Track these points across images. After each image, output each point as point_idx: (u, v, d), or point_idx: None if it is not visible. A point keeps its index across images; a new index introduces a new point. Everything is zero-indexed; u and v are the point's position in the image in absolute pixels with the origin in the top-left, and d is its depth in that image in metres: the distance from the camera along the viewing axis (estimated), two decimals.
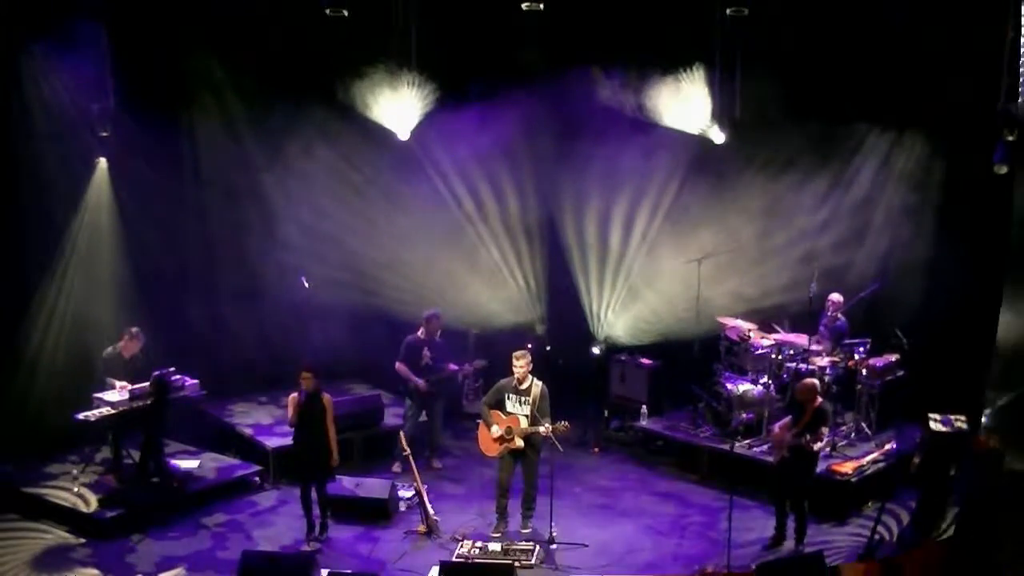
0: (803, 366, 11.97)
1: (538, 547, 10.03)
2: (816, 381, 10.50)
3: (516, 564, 9.51)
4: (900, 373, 12.08)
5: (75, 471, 11.21)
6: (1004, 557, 9.23)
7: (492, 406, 10.44)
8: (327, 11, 12.28)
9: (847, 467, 11.13)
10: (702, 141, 13.10)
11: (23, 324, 11.96)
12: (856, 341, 12.13)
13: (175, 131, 12.98)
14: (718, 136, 13.01)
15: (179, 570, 9.86)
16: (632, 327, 13.95)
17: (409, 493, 11.13)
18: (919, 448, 10.56)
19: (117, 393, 10.96)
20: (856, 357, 11.99)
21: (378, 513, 10.83)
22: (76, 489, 10.93)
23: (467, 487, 11.78)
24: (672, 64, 12.81)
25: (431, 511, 10.61)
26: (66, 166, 12.10)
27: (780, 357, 12.32)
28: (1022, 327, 11.13)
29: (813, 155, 12.84)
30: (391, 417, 12.54)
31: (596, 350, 13.98)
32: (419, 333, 12.03)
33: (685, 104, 12.93)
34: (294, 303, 13.36)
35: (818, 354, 12.05)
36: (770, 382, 12.14)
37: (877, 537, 10.20)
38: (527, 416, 10.24)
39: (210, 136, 13.15)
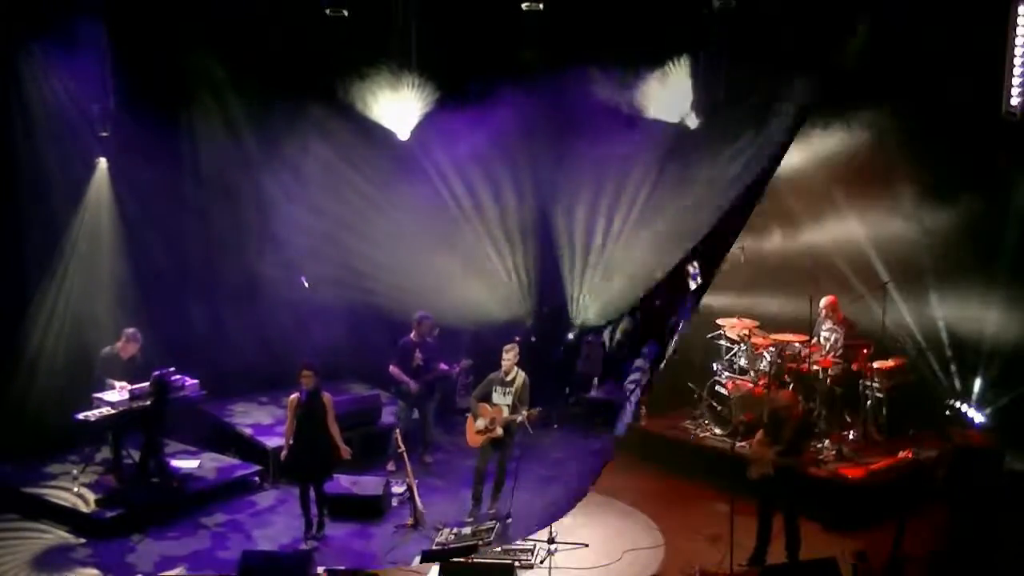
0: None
1: (497, 524, 10.53)
2: (792, 392, 10.12)
3: (480, 543, 9.93)
4: None
5: (75, 471, 11.22)
6: (1004, 557, 9.25)
7: (480, 399, 10.93)
8: (327, 11, 12.34)
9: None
10: (680, 128, 13.15)
11: (23, 324, 11.95)
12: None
13: (175, 131, 12.96)
14: (692, 122, 13.08)
15: (179, 570, 9.87)
16: (603, 308, 14.25)
17: (400, 488, 11.29)
18: None
19: (117, 393, 10.95)
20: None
21: (372, 510, 10.98)
22: (76, 489, 10.94)
23: (454, 480, 11.92)
24: (663, 57, 12.84)
25: (420, 505, 10.78)
26: (66, 166, 12.10)
27: None
28: (1022, 327, 11.18)
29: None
30: (389, 416, 12.56)
31: (571, 335, 14.31)
32: (411, 335, 12.10)
33: (674, 95, 12.98)
34: (293, 303, 13.39)
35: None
36: None
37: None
38: (509, 406, 10.71)
39: (210, 136, 13.12)
